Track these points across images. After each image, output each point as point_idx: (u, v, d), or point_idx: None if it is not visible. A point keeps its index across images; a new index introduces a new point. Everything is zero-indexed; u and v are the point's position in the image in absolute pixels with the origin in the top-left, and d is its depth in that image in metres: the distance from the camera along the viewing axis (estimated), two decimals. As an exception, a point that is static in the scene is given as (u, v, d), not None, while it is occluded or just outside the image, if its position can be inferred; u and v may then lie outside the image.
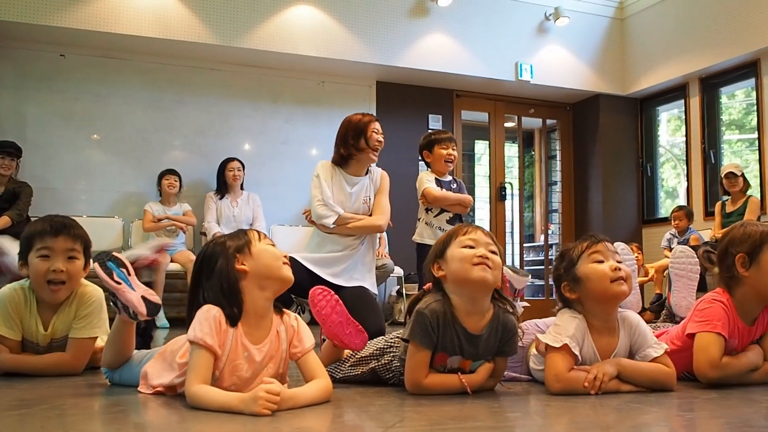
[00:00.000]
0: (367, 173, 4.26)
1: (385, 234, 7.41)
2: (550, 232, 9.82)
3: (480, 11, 8.25)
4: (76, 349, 2.79)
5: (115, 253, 2.51)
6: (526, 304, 3.44)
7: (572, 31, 8.73)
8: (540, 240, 10.28)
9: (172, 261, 6.50)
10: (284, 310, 2.28)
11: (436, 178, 4.81)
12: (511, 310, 2.40)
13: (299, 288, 3.59)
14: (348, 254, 4.08)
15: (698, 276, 4.54)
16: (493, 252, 2.34)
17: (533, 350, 2.61)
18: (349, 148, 4.11)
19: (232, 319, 2.12)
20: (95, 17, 6.74)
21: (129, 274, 2.48)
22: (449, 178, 4.89)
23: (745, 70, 7.88)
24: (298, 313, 4.86)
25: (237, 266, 2.16)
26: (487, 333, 2.33)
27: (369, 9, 7.75)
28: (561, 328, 2.40)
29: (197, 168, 7.32)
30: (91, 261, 2.63)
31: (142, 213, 6.88)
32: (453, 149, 4.83)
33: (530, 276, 6.13)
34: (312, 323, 2.64)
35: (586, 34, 8.86)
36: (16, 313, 2.79)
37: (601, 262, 2.41)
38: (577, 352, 2.36)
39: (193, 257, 6.40)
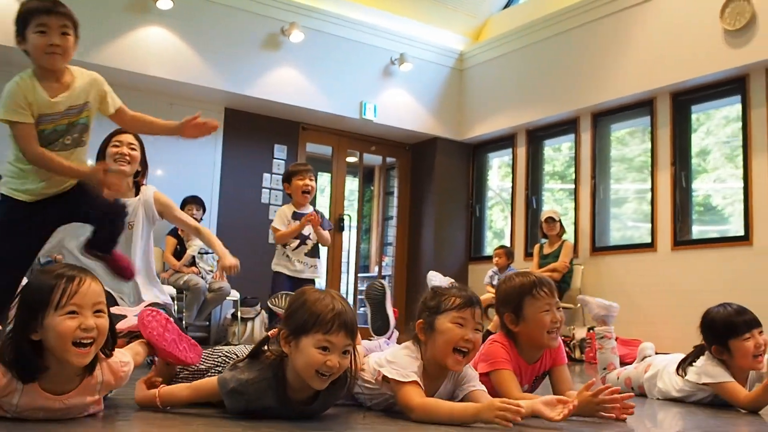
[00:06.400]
0: (137, 194, 4.05)
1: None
2: (384, 263, 10.24)
3: (329, 50, 8.57)
4: None
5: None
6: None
7: (415, 76, 9.22)
8: (374, 271, 10.66)
9: None
10: (112, 353, 2.09)
11: (294, 211, 4.87)
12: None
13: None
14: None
15: None
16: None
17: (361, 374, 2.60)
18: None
19: (22, 379, 1.91)
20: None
21: None
22: (309, 209, 4.95)
23: (566, 126, 8.64)
24: None
25: (30, 335, 1.90)
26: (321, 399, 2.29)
27: (222, 36, 7.89)
28: (404, 364, 2.43)
29: (34, 180, 7.15)
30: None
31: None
32: (310, 179, 4.89)
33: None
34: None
35: (427, 81, 9.38)
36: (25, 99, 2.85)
37: (461, 326, 2.43)
38: (422, 387, 2.41)
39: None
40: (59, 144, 3.00)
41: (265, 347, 2.25)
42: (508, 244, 8.86)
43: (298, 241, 4.86)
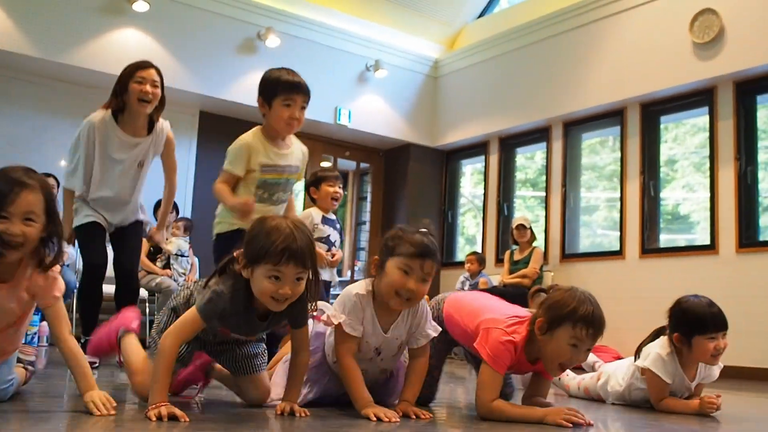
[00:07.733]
0: (150, 132, 4.04)
1: (196, 260, 7.52)
2: (356, 268, 10.28)
3: (305, 55, 8.61)
4: None
5: None
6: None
7: (390, 83, 9.29)
8: (347, 275, 10.70)
9: None
10: (51, 268, 2.22)
11: (323, 216, 4.86)
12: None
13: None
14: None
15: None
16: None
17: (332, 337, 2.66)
18: (118, 100, 3.98)
19: None
20: None
21: None
22: (334, 217, 4.95)
23: (538, 134, 8.76)
24: None
25: None
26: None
27: (198, 40, 7.90)
28: (341, 303, 2.57)
29: (6, 181, 7.11)
30: None
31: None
32: (339, 187, 4.87)
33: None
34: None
35: (402, 88, 9.46)
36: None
37: (406, 274, 2.48)
38: (354, 333, 2.51)
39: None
40: (276, 198, 3.54)
41: (232, 265, 2.34)
42: (479, 250, 8.94)
43: (325, 247, 4.84)
